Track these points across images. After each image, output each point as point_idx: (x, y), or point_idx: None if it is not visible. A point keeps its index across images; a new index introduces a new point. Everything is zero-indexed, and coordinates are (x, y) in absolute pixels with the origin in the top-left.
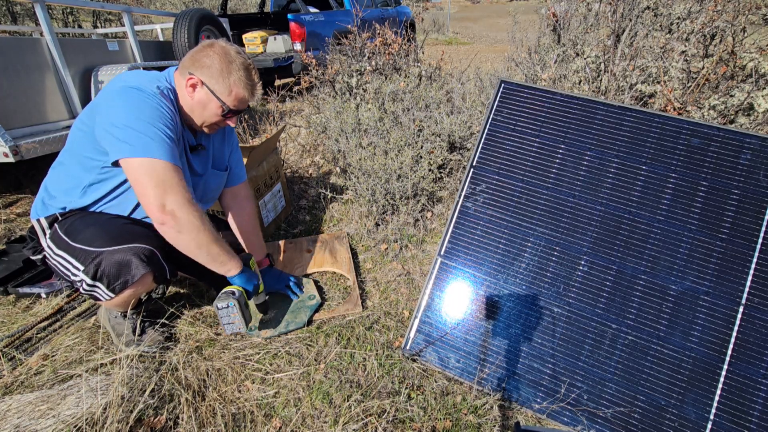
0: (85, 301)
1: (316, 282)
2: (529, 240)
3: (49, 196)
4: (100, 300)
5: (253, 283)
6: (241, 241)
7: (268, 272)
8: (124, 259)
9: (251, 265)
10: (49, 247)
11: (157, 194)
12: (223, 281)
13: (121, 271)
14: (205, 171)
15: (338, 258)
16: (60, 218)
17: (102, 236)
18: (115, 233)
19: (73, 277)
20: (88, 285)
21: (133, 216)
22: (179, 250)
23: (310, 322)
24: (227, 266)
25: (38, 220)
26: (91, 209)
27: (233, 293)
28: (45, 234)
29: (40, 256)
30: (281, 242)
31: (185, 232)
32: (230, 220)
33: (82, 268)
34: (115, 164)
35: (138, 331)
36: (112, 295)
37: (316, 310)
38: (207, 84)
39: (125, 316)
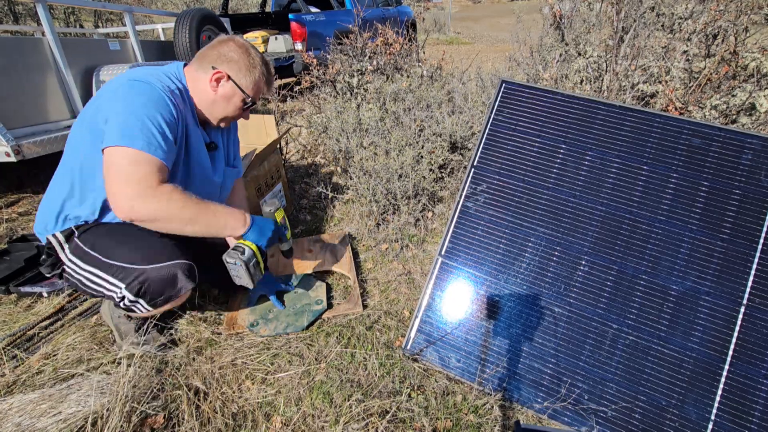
0: (86, 300)
1: (328, 285)
2: (529, 240)
3: (59, 210)
4: (135, 313)
5: (266, 236)
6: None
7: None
8: (169, 276)
9: (272, 215)
10: (72, 262)
11: (121, 192)
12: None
13: (165, 288)
14: (219, 166)
15: (339, 258)
16: (77, 231)
17: (141, 253)
18: (156, 249)
19: (107, 293)
20: (130, 301)
21: None
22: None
23: (309, 326)
24: (229, 226)
25: (54, 236)
26: (107, 220)
27: (243, 251)
28: (63, 249)
29: (57, 271)
30: None
31: (162, 220)
32: None
33: (123, 285)
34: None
35: (141, 331)
36: (153, 309)
37: (320, 316)
38: (233, 78)
39: (129, 317)
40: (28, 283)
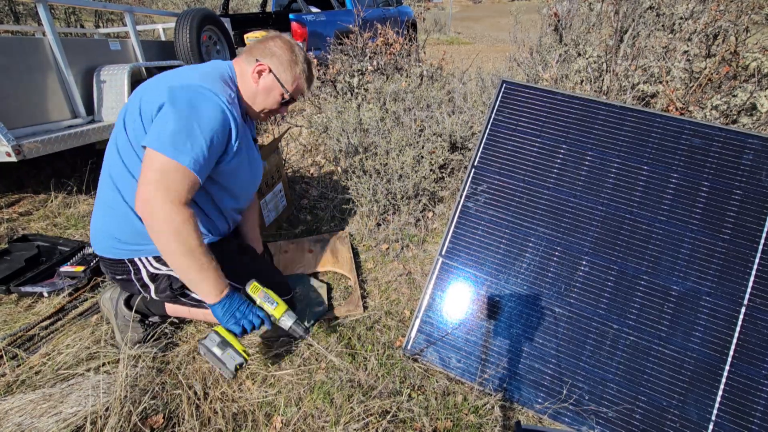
0: (86, 300)
1: (328, 286)
2: (530, 240)
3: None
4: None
5: (229, 321)
6: (241, 231)
7: None
8: None
9: (251, 290)
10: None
11: (151, 191)
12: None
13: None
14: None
15: (339, 258)
16: None
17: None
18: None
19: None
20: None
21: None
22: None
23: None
24: (200, 289)
25: (139, 259)
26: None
27: (206, 336)
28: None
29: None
30: (283, 242)
31: (159, 232)
32: None
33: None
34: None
35: (141, 330)
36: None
37: (320, 317)
38: (274, 71)
39: (132, 314)
40: (29, 283)
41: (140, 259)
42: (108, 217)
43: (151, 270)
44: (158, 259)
